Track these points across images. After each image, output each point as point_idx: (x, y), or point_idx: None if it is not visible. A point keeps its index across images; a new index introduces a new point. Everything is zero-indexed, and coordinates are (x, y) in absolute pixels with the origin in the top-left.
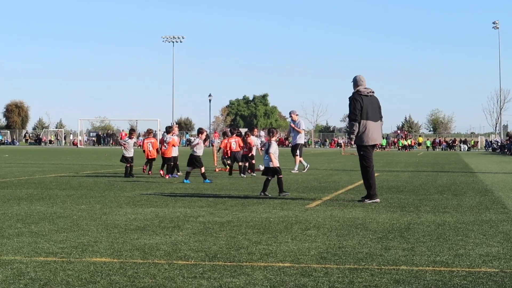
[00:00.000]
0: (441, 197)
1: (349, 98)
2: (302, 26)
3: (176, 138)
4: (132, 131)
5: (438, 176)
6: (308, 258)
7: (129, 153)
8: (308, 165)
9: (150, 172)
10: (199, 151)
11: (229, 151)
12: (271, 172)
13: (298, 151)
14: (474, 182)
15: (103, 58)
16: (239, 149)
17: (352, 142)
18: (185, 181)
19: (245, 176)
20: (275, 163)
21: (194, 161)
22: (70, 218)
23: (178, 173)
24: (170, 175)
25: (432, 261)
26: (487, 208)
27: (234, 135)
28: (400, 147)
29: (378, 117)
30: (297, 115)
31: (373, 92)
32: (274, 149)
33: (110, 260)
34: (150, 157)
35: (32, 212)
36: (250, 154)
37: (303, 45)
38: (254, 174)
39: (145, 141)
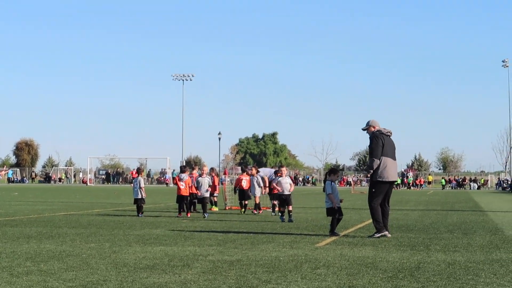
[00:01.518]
0: (451, 236)
1: (371, 136)
2: (311, 65)
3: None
4: (139, 169)
5: (448, 215)
6: None
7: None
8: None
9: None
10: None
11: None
12: (333, 211)
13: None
14: (484, 221)
15: (113, 96)
16: (248, 187)
17: (368, 175)
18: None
19: (257, 212)
20: (335, 203)
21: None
22: (79, 256)
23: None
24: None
25: None
26: (497, 247)
27: (245, 173)
28: (409, 184)
29: (395, 156)
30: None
31: (391, 133)
32: (333, 189)
33: None
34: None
35: (42, 250)
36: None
37: (313, 84)
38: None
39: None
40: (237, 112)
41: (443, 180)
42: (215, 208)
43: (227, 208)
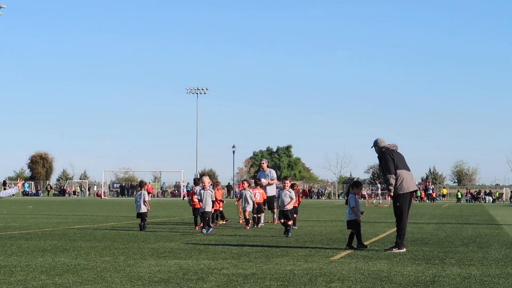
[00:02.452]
0: (466, 250)
1: (379, 155)
2: (326, 78)
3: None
4: (142, 182)
5: (463, 228)
6: None
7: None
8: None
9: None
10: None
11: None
12: (355, 225)
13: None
14: (500, 235)
15: (127, 109)
16: (262, 200)
17: (392, 194)
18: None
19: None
20: (358, 216)
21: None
22: (94, 270)
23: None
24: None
25: None
26: None
27: (258, 186)
28: (425, 196)
29: (408, 167)
30: (267, 165)
31: (397, 147)
32: (357, 202)
33: None
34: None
35: (56, 263)
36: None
37: (327, 96)
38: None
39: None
40: (251, 125)
41: (459, 193)
42: (221, 222)
43: (240, 221)
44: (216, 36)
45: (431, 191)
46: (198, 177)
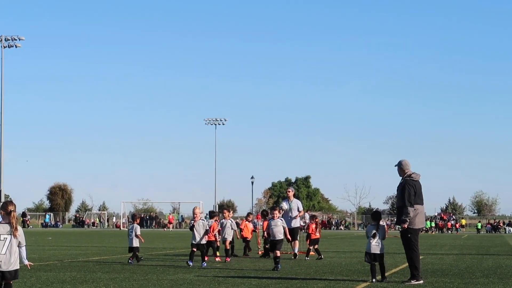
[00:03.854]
0: (487, 281)
1: (403, 183)
2: (343, 107)
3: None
4: (134, 216)
5: (483, 259)
6: None
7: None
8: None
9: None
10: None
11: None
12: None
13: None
14: None
15: (146, 140)
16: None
17: (406, 226)
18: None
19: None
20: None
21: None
22: None
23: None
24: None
25: None
26: None
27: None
28: (444, 227)
29: (423, 201)
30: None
31: (419, 177)
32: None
33: None
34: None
35: None
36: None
37: (345, 127)
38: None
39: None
40: (270, 155)
41: (479, 224)
42: (218, 257)
43: (259, 252)
44: (234, 67)
45: (453, 222)
46: (213, 209)
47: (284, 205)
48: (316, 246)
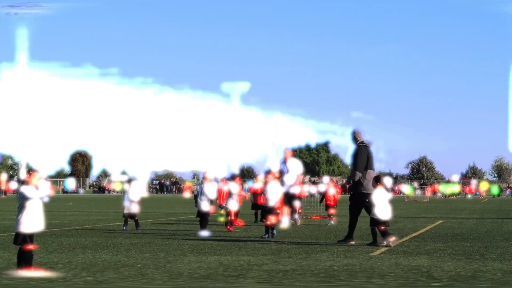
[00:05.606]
0: (507, 244)
1: (356, 149)
2: (363, 73)
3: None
4: (130, 180)
5: (503, 223)
6: None
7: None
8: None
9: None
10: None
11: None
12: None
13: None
14: None
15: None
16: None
17: (349, 187)
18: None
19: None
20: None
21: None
22: (134, 266)
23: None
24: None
25: None
26: None
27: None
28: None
29: (374, 167)
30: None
31: (371, 144)
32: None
33: None
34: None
35: (97, 260)
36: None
37: (364, 93)
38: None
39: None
40: (289, 122)
41: (493, 189)
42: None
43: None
44: None
45: (475, 186)
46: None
47: (276, 167)
48: (332, 210)
